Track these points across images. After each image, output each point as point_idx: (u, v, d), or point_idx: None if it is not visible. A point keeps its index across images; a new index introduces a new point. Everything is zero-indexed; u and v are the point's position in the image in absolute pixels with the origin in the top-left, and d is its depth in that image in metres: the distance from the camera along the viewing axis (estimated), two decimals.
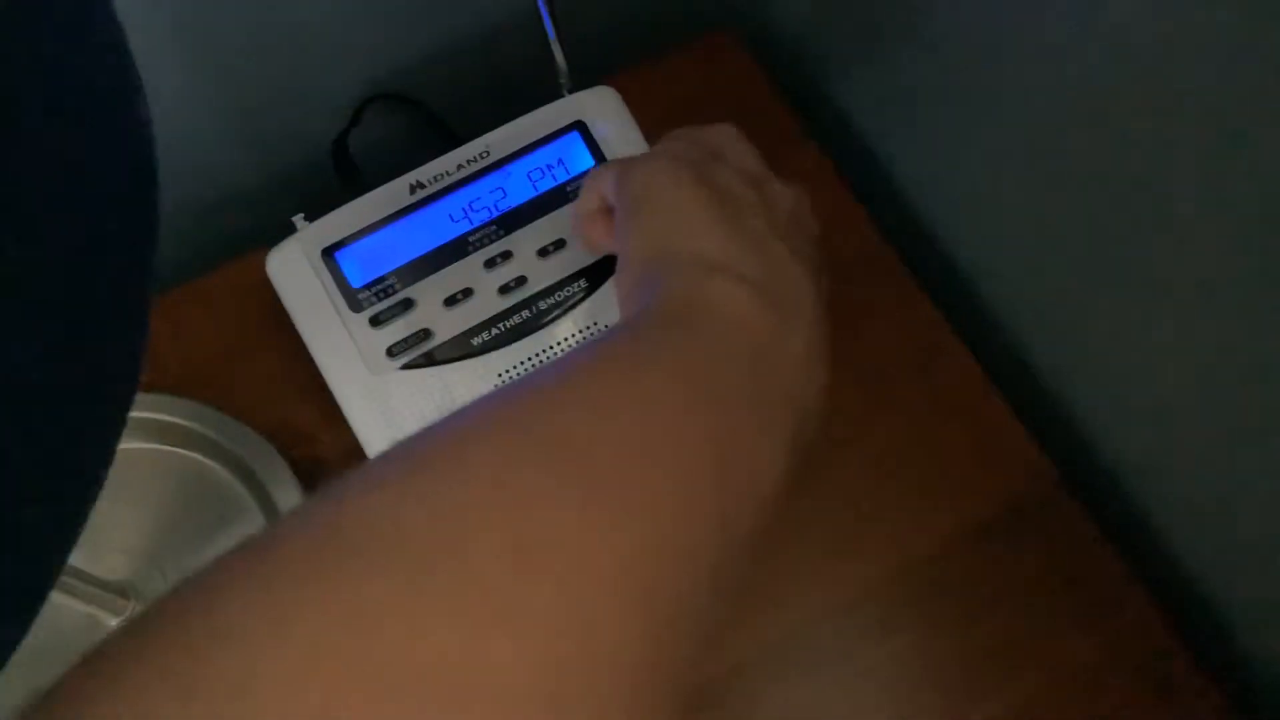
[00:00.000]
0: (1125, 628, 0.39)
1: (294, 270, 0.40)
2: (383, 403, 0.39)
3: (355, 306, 0.40)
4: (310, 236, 0.40)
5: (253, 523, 0.40)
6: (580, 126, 0.42)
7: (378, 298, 0.40)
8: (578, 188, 0.41)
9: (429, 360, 0.40)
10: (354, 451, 0.39)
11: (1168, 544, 0.41)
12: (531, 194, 0.41)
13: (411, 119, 0.49)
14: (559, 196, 0.41)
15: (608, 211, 0.36)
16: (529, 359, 0.40)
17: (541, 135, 0.42)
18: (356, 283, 0.40)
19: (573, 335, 0.40)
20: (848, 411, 0.43)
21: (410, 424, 0.39)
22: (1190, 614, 0.41)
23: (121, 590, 0.39)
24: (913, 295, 0.46)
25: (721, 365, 0.27)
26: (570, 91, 0.43)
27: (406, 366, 0.40)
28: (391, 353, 0.40)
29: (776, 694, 0.39)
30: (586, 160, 0.42)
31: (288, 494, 0.39)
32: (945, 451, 0.42)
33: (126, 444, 0.42)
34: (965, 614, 0.40)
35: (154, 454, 0.42)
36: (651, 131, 0.42)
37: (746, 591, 0.40)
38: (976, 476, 0.42)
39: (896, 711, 0.39)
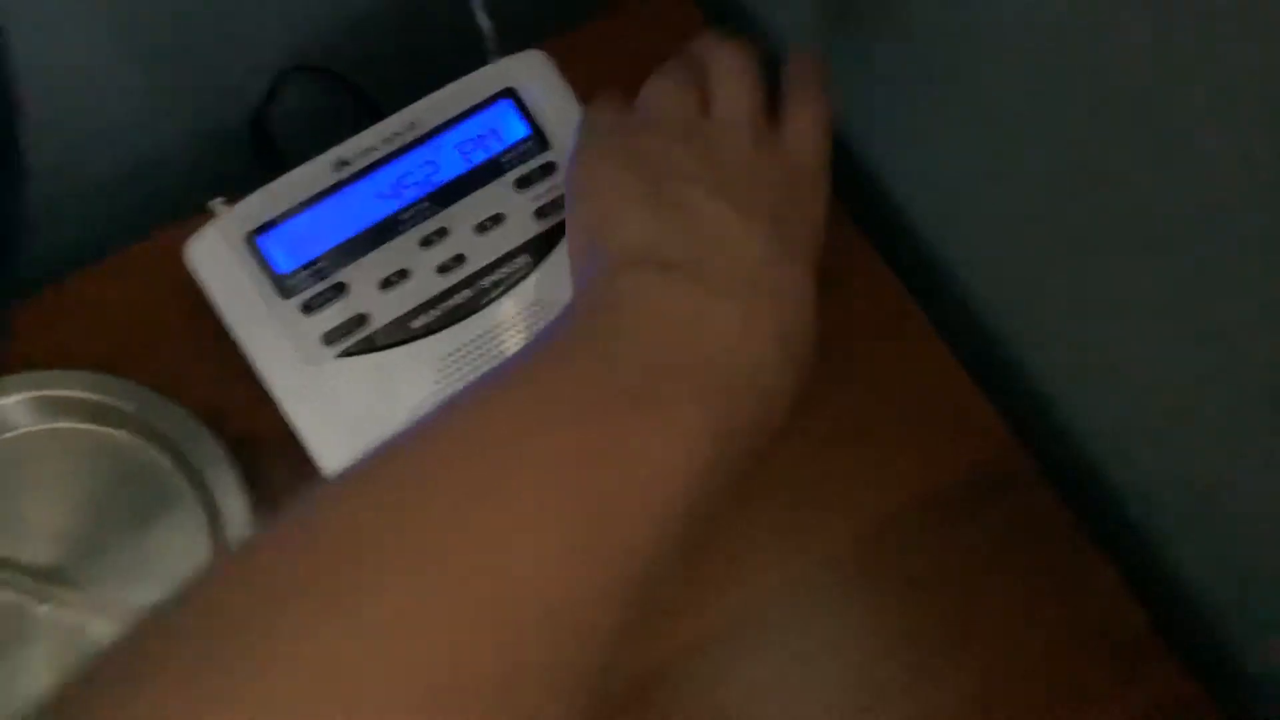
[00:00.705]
0: (1089, 602, 0.39)
1: (216, 259, 0.38)
2: (321, 393, 0.38)
3: (284, 293, 0.38)
4: (231, 222, 0.38)
5: (185, 502, 0.38)
6: (511, 94, 0.40)
7: (308, 283, 0.38)
8: (513, 159, 0.40)
9: (368, 346, 0.38)
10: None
11: (1132, 517, 0.41)
12: (464, 167, 0.40)
13: (332, 92, 0.47)
14: (493, 169, 0.40)
15: None
16: (473, 340, 0.39)
17: (471, 104, 0.40)
18: (284, 268, 0.38)
19: (518, 313, 0.39)
20: (806, 387, 0.43)
21: (351, 414, 0.38)
22: (1155, 587, 0.41)
23: (50, 576, 0.37)
24: (874, 264, 0.45)
25: (607, 371, 0.26)
26: (498, 57, 0.41)
27: (344, 354, 0.38)
28: (327, 340, 0.38)
29: (736, 670, 0.39)
30: (520, 129, 0.40)
31: (220, 472, 0.38)
32: (905, 422, 0.42)
33: (51, 424, 0.39)
34: (926, 586, 0.40)
35: (80, 434, 0.40)
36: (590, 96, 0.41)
37: (701, 565, 0.39)
38: (937, 448, 0.42)
39: (856, 684, 0.39)
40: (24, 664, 0.36)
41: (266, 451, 0.40)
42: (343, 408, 0.38)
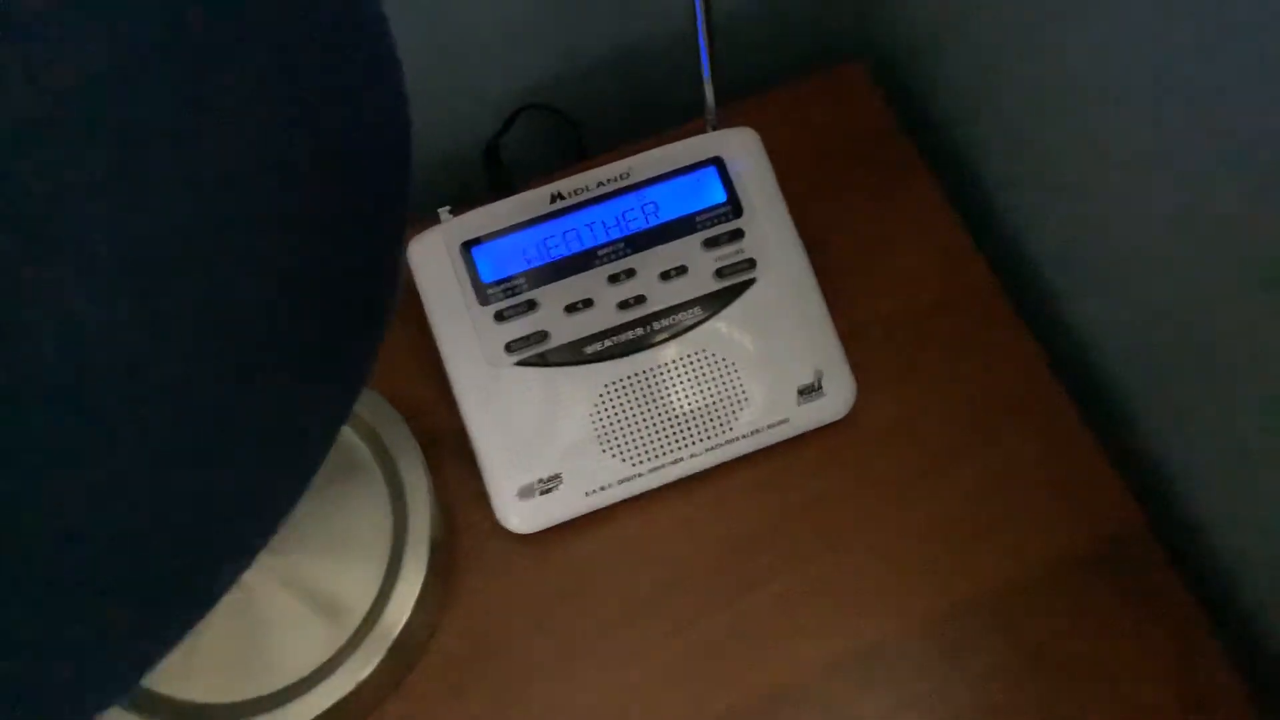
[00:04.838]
0: (1199, 679, 0.40)
1: (432, 257, 0.43)
2: (493, 393, 0.42)
3: (483, 300, 0.42)
4: (452, 229, 0.43)
5: (373, 486, 0.41)
6: (718, 162, 0.44)
7: (505, 295, 0.42)
8: (707, 220, 0.43)
9: (542, 361, 0.42)
10: (465, 431, 0.42)
11: (1247, 601, 0.42)
12: (662, 219, 0.43)
13: (549, 126, 0.52)
14: (687, 225, 0.43)
15: None
16: (633, 374, 0.42)
17: (680, 165, 0.44)
18: (487, 278, 0.42)
19: (680, 359, 0.42)
20: (942, 442, 0.45)
21: (515, 417, 0.42)
22: (1267, 674, 0.41)
23: None
24: (1017, 333, 0.47)
25: None
26: (714, 128, 0.45)
27: (520, 363, 0.42)
28: (509, 348, 0.42)
29: (855, 701, 0.41)
30: (719, 195, 0.44)
31: (410, 462, 0.41)
32: (1034, 489, 0.44)
33: None
34: (1044, 647, 0.41)
35: None
36: (780, 162, 0.44)
37: (836, 601, 0.42)
38: (1063, 516, 0.43)
39: None
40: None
41: (445, 450, 0.44)
42: (508, 411, 0.42)
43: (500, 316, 0.42)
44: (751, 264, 0.43)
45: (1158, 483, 0.45)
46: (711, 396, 0.42)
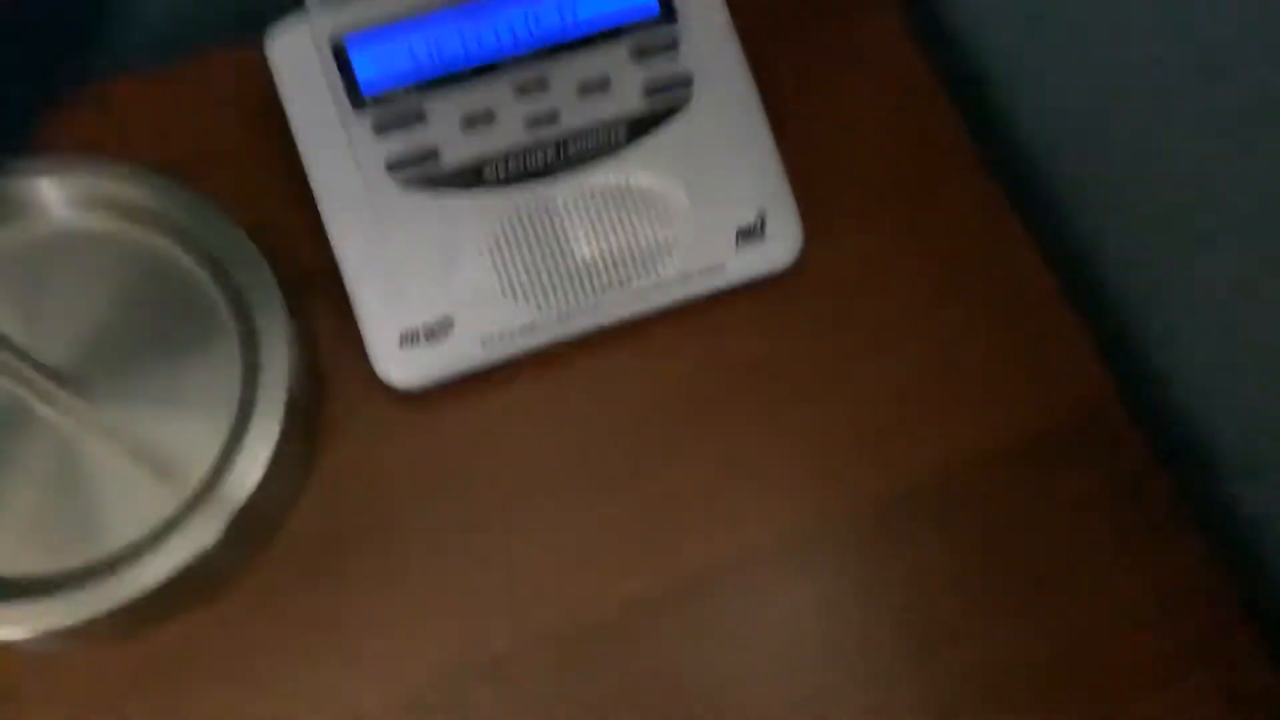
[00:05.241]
0: (1171, 568, 0.37)
1: (297, 55, 0.35)
2: (372, 222, 0.35)
3: (359, 106, 0.35)
4: (323, 21, 0.35)
5: (220, 329, 0.34)
6: None
7: (387, 101, 0.35)
8: (636, 25, 0.36)
9: (431, 184, 0.35)
10: (337, 269, 0.35)
11: (1227, 483, 0.39)
12: (582, 21, 0.36)
13: None
14: (612, 29, 0.36)
15: None
16: (536, 208, 0.35)
17: None
18: (366, 79, 0.35)
19: (591, 195, 0.35)
20: (897, 302, 0.40)
21: (398, 251, 0.35)
22: (1239, 556, 0.38)
23: (59, 378, 0.34)
24: (985, 186, 0.42)
25: None
26: None
27: (405, 186, 0.35)
28: (392, 168, 0.35)
29: (793, 587, 0.36)
30: (651, 5, 0.36)
31: (266, 302, 0.34)
32: (998, 356, 0.39)
33: (94, 219, 0.37)
34: (1003, 531, 0.37)
35: (117, 236, 0.37)
36: None
37: (776, 478, 0.37)
38: (1028, 387, 0.39)
39: (913, 622, 0.36)
40: (9, 459, 0.33)
41: (314, 293, 0.37)
42: (389, 243, 0.35)
43: (381, 129, 0.35)
44: (687, 81, 0.36)
45: (1136, 355, 0.41)
46: (635, 234, 0.36)
